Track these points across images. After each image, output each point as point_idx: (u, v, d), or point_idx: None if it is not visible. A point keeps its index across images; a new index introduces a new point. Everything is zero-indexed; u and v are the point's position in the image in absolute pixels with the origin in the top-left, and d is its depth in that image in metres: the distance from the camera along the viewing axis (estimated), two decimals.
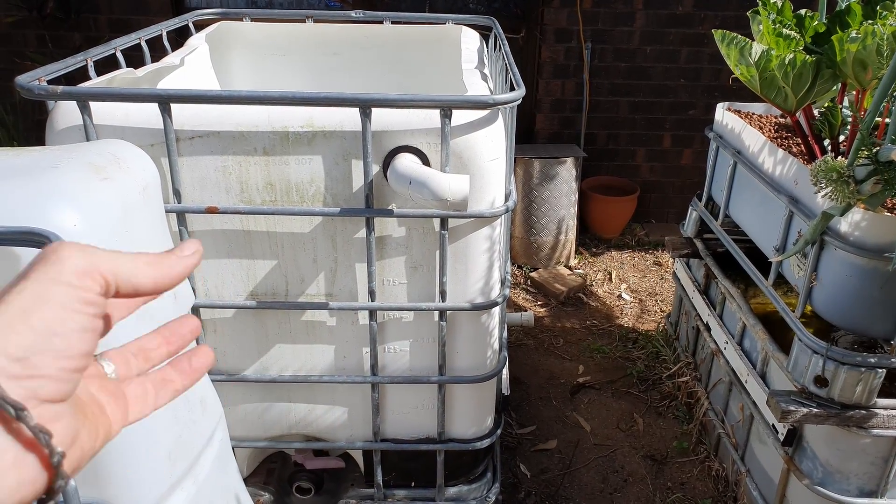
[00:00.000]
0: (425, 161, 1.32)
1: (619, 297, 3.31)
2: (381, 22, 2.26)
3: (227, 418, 1.55)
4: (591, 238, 3.86)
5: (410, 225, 1.38)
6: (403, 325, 1.48)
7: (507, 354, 1.71)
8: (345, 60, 2.30)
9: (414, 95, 1.23)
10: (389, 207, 1.34)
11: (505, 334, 1.80)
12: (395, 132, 1.29)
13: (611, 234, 3.86)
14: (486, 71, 1.80)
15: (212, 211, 1.31)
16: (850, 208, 1.41)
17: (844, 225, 1.48)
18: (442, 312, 1.43)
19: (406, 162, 1.26)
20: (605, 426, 2.40)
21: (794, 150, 1.91)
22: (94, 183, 0.90)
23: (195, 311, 1.42)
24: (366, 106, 1.22)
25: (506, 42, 1.86)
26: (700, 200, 2.42)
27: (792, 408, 1.57)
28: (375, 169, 1.31)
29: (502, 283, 1.57)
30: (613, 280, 3.46)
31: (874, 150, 1.24)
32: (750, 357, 1.98)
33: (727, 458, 2.12)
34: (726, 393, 2.14)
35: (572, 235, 3.53)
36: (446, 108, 1.24)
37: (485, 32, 2.24)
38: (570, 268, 3.54)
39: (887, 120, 1.48)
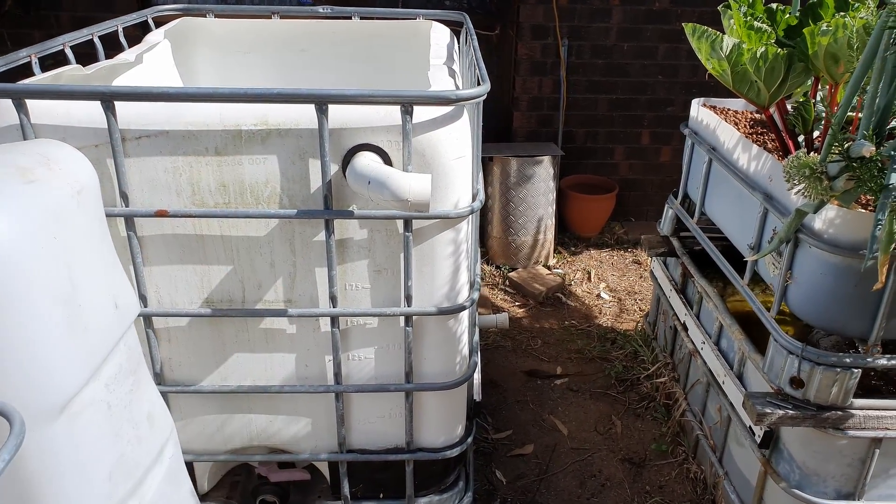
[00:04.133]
0: (387, 160, 1.26)
1: (598, 296, 3.27)
2: (350, 17, 2.20)
3: (184, 432, 1.49)
4: (569, 237, 3.83)
5: (373, 227, 1.33)
6: (367, 332, 1.42)
7: (478, 359, 1.66)
8: (312, 57, 2.24)
9: (373, 91, 1.18)
10: (350, 209, 1.29)
11: (476, 338, 1.75)
12: (355, 130, 1.24)
13: (590, 232, 3.83)
14: (455, 67, 1.74)
15: (161, 214, 1.24)
16: (823, 205, 1.37)
17: (818, 222, 1.45)
18: (408, 317, 1.38)
19: (365, 161, 1.21)
20: (583, 429, 2.36)
21: (770, 146, 1.88)
22: (17, 186, 0.83)
23: (147, 319, 1.35)
24: (322, 102, 1.16)
25: (475, 37, 1.81)
26: (676, 198, 2.39)
27: (768, 410, 1.53)
28: (334, 168, 1.25)
29: (471, 285, 1.52)
30: (592, 279, 3.43)
31: (846, 146, 1.21)
32: (727, 357, 1.94)
33: (706, 460, 2.09)
34: (704, 394, 2.11)
35: (551, 235, 3.50)
36: (407, 105, 1.19)
37: (457, 28, 2.19)
38: (548, 267, 3.50)
39: (860, 115, 1.44)
